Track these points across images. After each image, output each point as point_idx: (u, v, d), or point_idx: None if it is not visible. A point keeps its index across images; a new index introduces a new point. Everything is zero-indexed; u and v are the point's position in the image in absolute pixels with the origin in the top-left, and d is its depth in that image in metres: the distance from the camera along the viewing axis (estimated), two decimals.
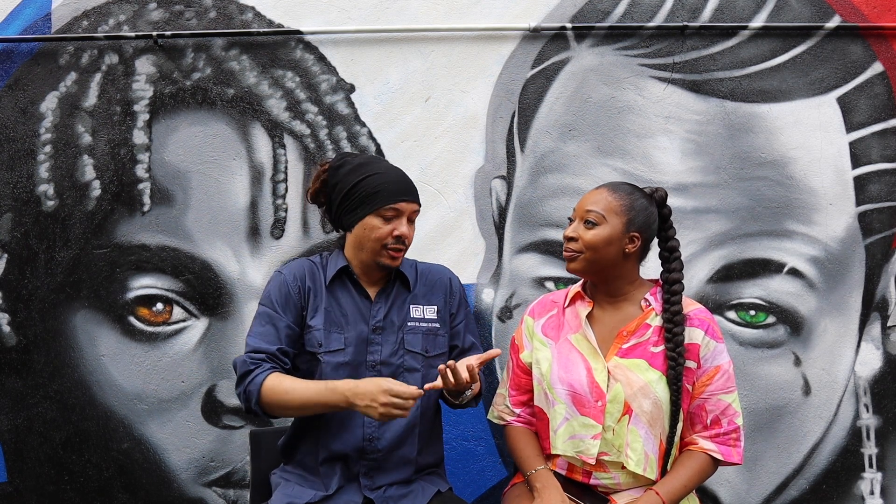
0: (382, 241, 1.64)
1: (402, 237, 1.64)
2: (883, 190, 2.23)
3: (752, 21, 2.22)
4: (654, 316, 1.63)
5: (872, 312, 2.24)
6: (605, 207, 1.60)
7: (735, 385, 1.63)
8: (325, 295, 1.68)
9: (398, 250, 1.65)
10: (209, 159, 2.24)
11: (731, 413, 1.61)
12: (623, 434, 1.57)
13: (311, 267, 1.74)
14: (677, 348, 1.57)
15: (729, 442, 1.61)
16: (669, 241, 1.67)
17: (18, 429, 2.26)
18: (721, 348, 1.63)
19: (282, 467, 1.74)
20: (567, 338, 1.68)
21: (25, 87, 2.25)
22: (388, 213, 1.63)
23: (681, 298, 1.61)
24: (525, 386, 1.74)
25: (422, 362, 1.68)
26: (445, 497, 1.66)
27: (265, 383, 1.56)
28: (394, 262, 1.66)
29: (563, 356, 1.65)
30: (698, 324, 1.62)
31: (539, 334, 1.73)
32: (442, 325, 1.72)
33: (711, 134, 2.22)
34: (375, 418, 1.47)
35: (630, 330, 1.63)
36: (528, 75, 2.24)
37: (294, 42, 2.24)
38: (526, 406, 1.74)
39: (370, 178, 1.64)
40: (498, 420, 1.79)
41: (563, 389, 1.62)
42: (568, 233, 1.63)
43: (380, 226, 1.63)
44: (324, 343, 1.65)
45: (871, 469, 2.25)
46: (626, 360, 1.60)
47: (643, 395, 1.57)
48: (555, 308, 1.75)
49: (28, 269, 2.25)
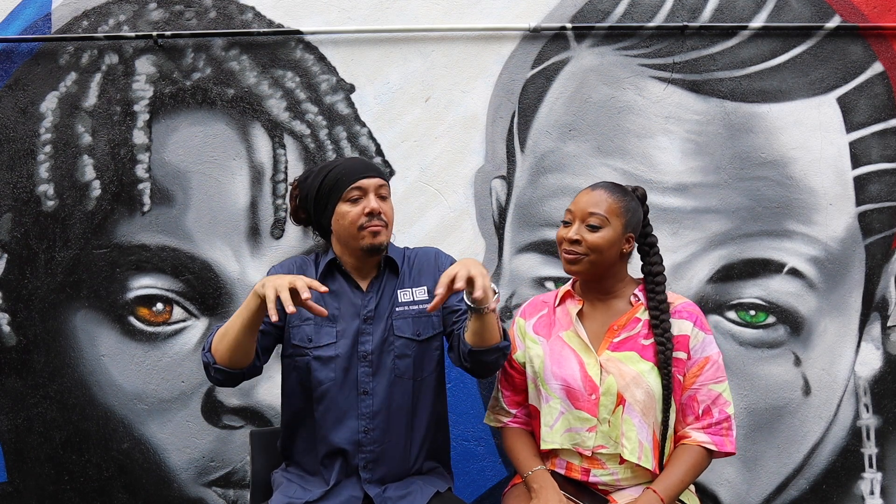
0: (357, 223, 1.63)
1: (374, 211, 1.62)
2: (883, 190, 2.23)
3: (752, 21, 2.22)
4: (643, 310, 1.66)
5: (872, 312, 2.24)
6: (607, 210, 1.62)
7: (725, 376, 1.65)
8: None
9: (376, 226, 1.63)
10: (209, 159, 2.24)
11: (721, 402, 1.63)
12: (618, 425, 1.59)
13: (302, 262, 1.75)
14: (665, 334, 1.61)
15: (721, 432, 1.62)
16: (648, 236, 1.72)
17: (18, 429, 2.26)
18: (710, 339, 1.66)
19: (283, 467, 1.74)
20: (558, 335, 1.70)
21: (25, 87, 2.25)
22: (353, 195, 1.64)
23: (664, 289, 1.66)
24: (520, 386, 1.75)
25: (413, 347, 1.67)
26: (445, 497, 1.66)
27: (214, 337, 1.55)
28: (376, 240, 1.63)
29: (556, 352, 1.67)
30: (687, 315, 1.65)
31: (531, 333, 1.75)
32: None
33: (711, 134, 2.22)
34: (263, 295, 1.40)
35: (620, 324, 1.65)
36: (528, 75, 2.24)
37: (294, 42, 2.24)
38: (521, 406, 1.76)
39: (330, 174, 1.66)
40: (495, 423, 1.80)
41: (556, 384, 1.64)
42: (571, 235, 1.64)
43: (350, 209, 1.64)
44: (314, 338, 1.65)
45: (871, 469, 2.25)
46: (617, 354, 1.63)
47: (635, 384, 1.59)
48: (545, 308, 1.78)
49: (28, 269, 2.25)
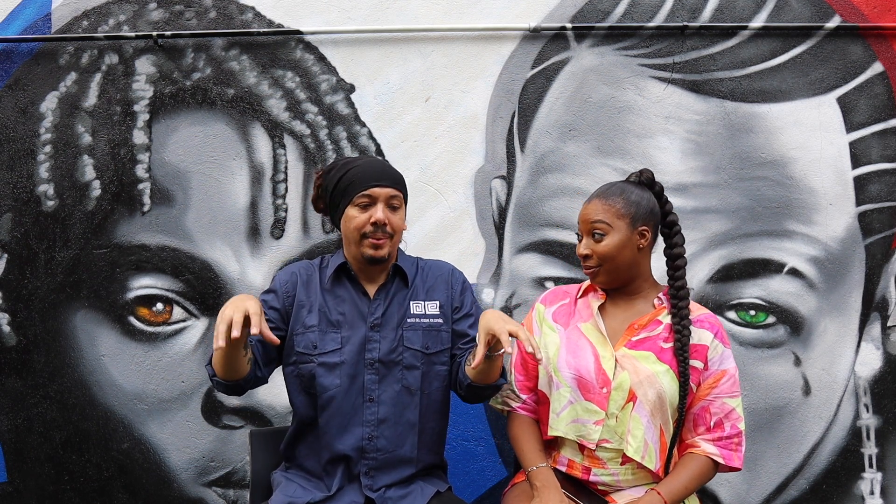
0: (361, 230, 1.61)
1: (379, 223, 1.59)
2: (883, 190, 2.23)
3: (752, 21, 2.22)
4: (666, 314, 1.65)
5: (872, 312, 2.24)
6: (606, 215, 1.62)
7: (740, 391, 1.64)
8: (320, 295, 1.67)
9: (379, 238, 1.60)
10: (209, 159, 2.24)
11: (734, 417, 1.62)
12: (626, 421, 1.58)
13: (306, 270, 1.73)
14: (682, 321, 1.59)
15: (730, 446, 1.61)
16: (669, 215, 1.67)
17: (18, 429, 2.26)
18: (728, 353, 1.65)
19: (283, 467, 1.74)
20: (577, 325, 1.69)
21: (25, 87, 2.25)
22: (362, 201, 1.61)
23: (684, 273, 1.64)
24: (532, 371, 1.74)
25: (421, 359, 1.66)
26: (445, 497, 1.66)
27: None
28: (377, 252, 1.61)
29: (572, 342, 1.67)
30: (709, 326, 1.65)
31: (549, 320, 1.74)
32: (445, 321, 1.69)
33: (711, 134, 2.22)
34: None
35: (641, 324, 1.65)
36: (528, 75, 2.24)
37: (294, 42, 2.24)
38: (532, 392, 1.74)
39: (347, 173, 1.64)
40: (502, 406, 1.77)
41: (569, 373, 1.63)
42: (581, 251, 1.65)
43: (356, 215, 1.62)
44: (318, 345, 1.64)
45: (871, 469, 2.25)
46: (634, 351, 1.62)
47: (649, 384, 1.58)
48: (567, 298, 1.77)
49: (28, 269, 2.25)
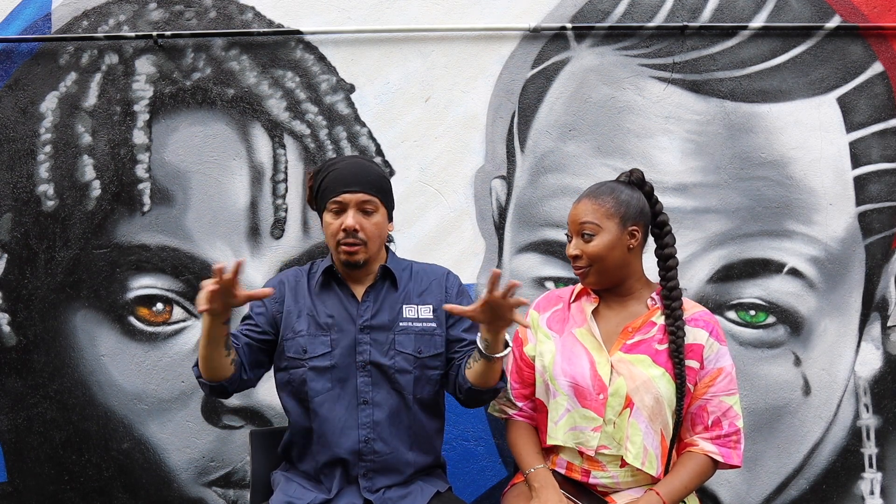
0: (335, 237, 1.61)
1: (349, 229, 1.58)
2: (883, 190, 2.23)
3: (752, 21, 2.22)
4: (660, 315, 1.64)
5: (872, 312, 2.24)
6: (594, 216, 1.61)
7: (737, 388, 1.64)
8: (308, 300, 1.67)
9: (350, 245, 1.59)
10: (209, 159, 2.24)
11: (732, 415, 1.61)
12: (624, 427, 1.58)
13: (294, 276, 1.73)
14: (676, 322, 1.59)
15: (729, 444, 1.61)
16: (659, 215, 1.68)
17: (18, 429, 2.26)
18: (724, 351, 1.64)
19: (283, 466, 1.74)
20: (571, 331, 1.69)
21: (25, 87, 2.25)
22: (334, 207, 1.61)
23: (676, 273, 1.64)
24: (528, 379, 1.73)
25: (413, 363, 1.64)
26: (445, 497, 1.66)
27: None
28: (351, 258, 1.61)
29: (567, 349, 1.66)
30: (703, 325, 1.63)
31: (543, 327, 1.73)
32: (439, 325, 1.68)
33: (711, 134, 2.22)
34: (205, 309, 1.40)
35: (635, 326, 1.64)
36: (528, 75, 2.24)
37: (294, 42, 2.24)
38: (528, 400, 1.74)
39: (326, 176, 1.63)
40: (499, 413, 1.77)
41: (565, 381, 1.63)
42: (571, 251, 1.65)
43: (331, 221, 1.62)
44: (308, 349, 1.63)
45: (871, 469, 2.25)
46: (629, 355, 1.62)
47: (645, 389, 1.57)
48: (560, 303, 1.76)
49: (28, 269, 2.25)
